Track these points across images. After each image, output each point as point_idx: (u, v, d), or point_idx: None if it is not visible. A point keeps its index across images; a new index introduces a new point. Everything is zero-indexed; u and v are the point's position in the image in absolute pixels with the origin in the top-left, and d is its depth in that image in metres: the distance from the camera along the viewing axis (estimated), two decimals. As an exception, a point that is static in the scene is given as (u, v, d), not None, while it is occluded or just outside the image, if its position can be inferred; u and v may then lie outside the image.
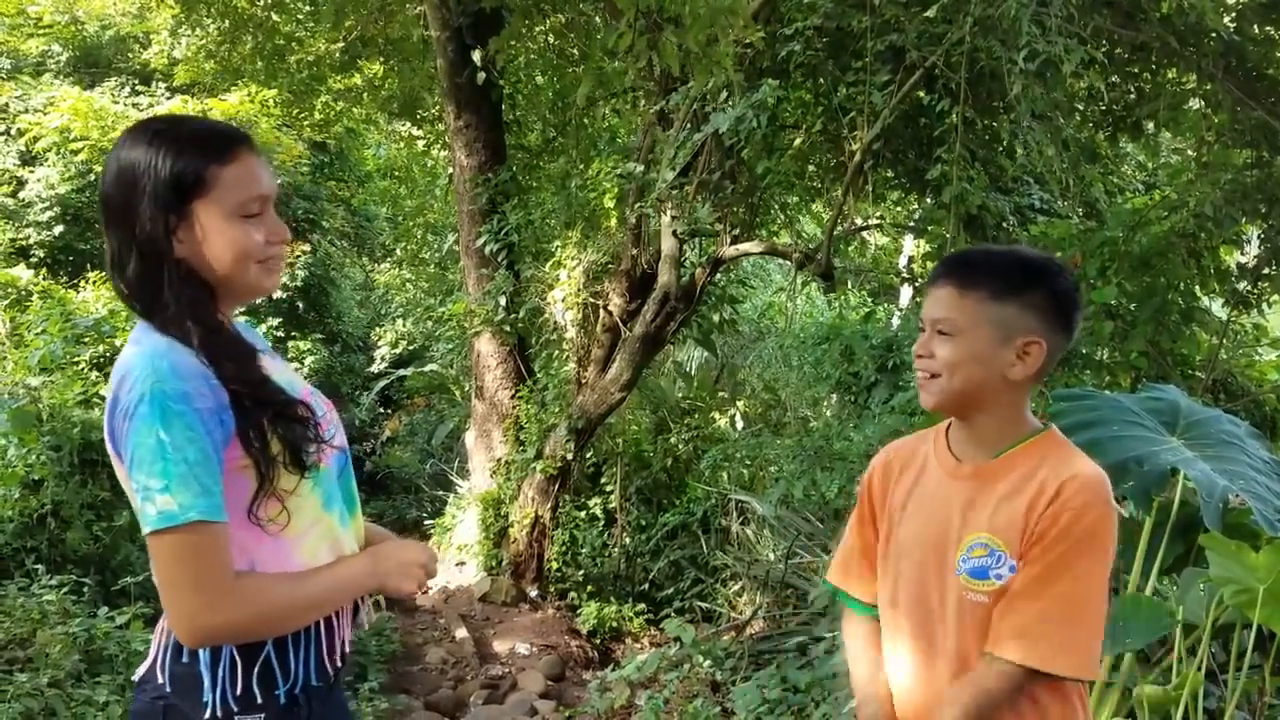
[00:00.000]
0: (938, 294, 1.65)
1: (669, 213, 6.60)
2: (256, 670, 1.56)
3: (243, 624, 1.49)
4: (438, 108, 9.33)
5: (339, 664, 1.69)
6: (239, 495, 1.52)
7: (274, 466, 1.54)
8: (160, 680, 1.57)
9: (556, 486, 7.34)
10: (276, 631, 1.55)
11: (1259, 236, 6.03)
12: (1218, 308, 6.33)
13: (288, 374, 1.70)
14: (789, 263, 7.09)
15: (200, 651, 1.54)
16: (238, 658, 1.55)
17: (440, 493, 9.59)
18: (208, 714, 1.54)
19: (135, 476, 1.44)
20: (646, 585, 7.33)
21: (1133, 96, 6.40)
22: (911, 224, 8.33)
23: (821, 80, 6.13)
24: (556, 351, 7.76)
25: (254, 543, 1.54)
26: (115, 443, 1.51)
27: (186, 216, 1.53)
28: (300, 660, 1.60)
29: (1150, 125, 6.63)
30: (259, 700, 1.56)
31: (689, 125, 6.21)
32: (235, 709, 1.55)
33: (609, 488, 7.67)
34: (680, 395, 8.83)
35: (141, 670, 1.63)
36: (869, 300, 9.86)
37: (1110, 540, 1.60)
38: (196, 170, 1.52)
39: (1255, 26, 5.67)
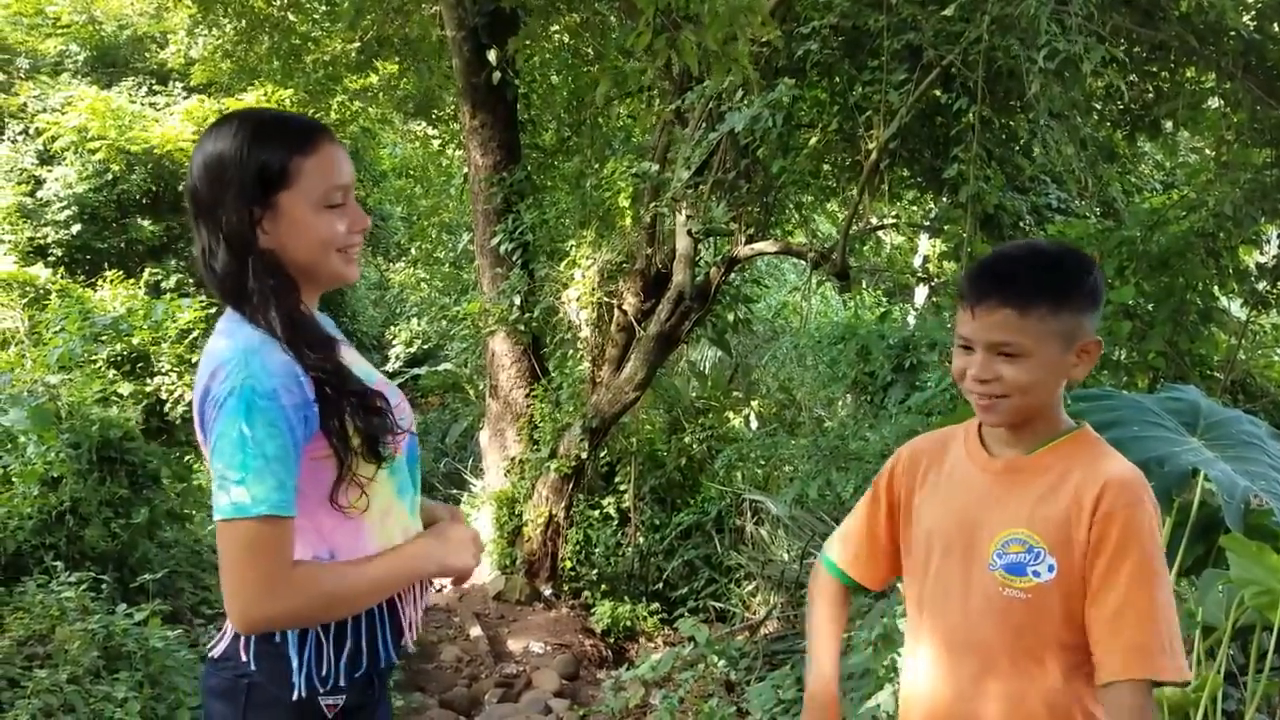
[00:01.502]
0: (992, 318, 1.58)
1: (684, 212, 6.59)
2: (345, 653, 1.61)
3: (297, 611, 1.52)
4: (453, 107, 9.35)
5: (409, 644, 1.75)
6: (321, 483, 1.56)
7: (353, 456, 1.57)
8: (245, 658, 1.60)
9: (570, 485, 7.35)
10: (337, 615, 1.58)
11: (1278, 236, 5.99)
12: (1236, 308, 6.29)
13: (364, 365, 1.74)
14: (804, 262, 7.07)
15: (289, 632, 1.58)
16: (324, 639, 1.60)
17: (454, 491, 9.60)
18: (294, 695, 1.58)
19: (214, 465, 1.48)
20: (660, 585, 7.33)
21: (1151, 95, 6.37)
22: (927, 223, 8.30)
23: (838, 79, 6.12)
24: (571, 350, 7.77)
25: (334, 527, 1.59)
26: (204, 429, 1.54)
27: (271, 208, 1.56)
28: (382, 642, 1.66)
29: (1169, 124, 6.59)
30: (342, 682, 1.61)
31: (704, 124, 6.21)
32: (320, 689, 1.59)
33: (623, 487, 7.67)
34: (694, 395, 8.82)
35: (220, 647, 1.65)
36: (884, 300, 9.85)
37: (1160, 533, 1.59)
38: (280, 162, 1.56)
39: (1275, 25, 5.64)
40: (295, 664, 1.58)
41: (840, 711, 1.86)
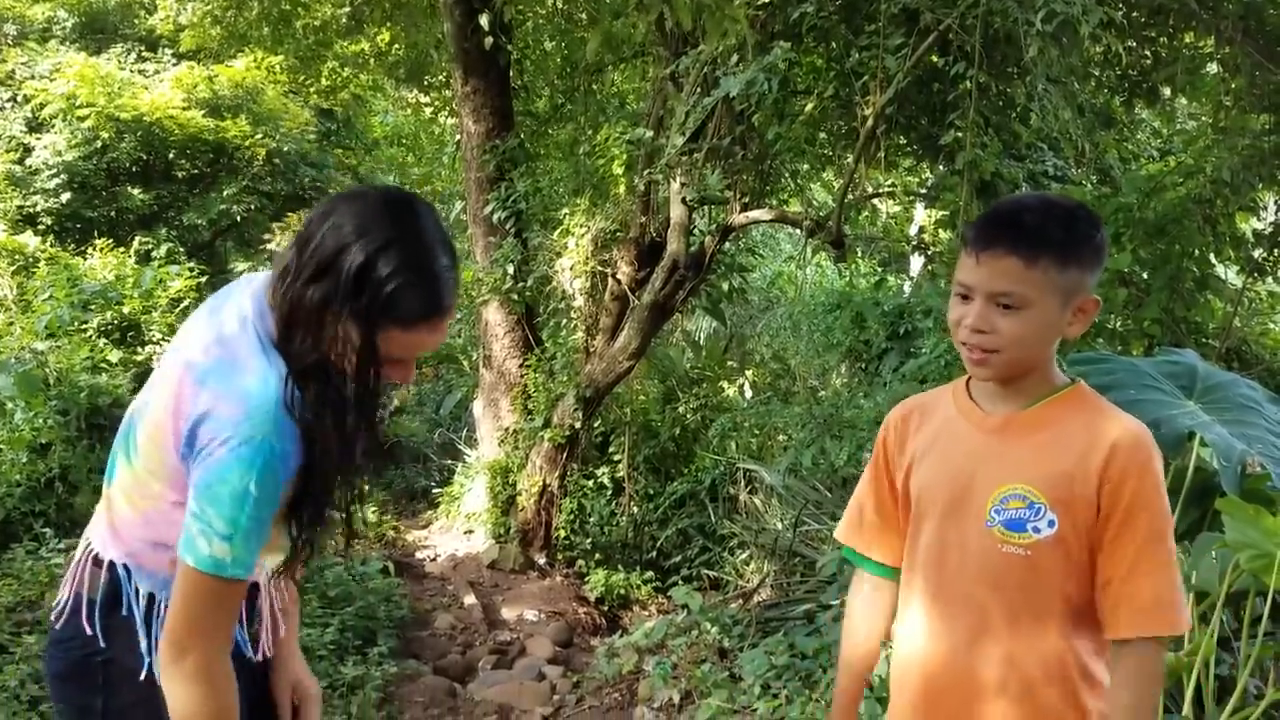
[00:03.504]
0: (997, 264, 1.54)
1: (678, 180, 6.54)
2: None
3: (209, 687, 1.49)
4: (445, 73, 9.26)
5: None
6: None
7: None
8: (91, 632, 1.57)
9: (564, 455, 7.33)
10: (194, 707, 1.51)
11: (1276, 203, 5.96)
12: (1233, 275, 6.27)
13: None
14: (799, 231, 7.03)
15: (136, 605, 1.57)
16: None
17: (449, 462, 9.59)
18: (145, 668, 1.55)
19: (201, 502, 1.44)
20: (654, 553, 7.33)
21: (1149, 60, 6.31)
22: (923, 191, 8.25)
23: (834, 44, 6.05)
24: (565, 320, 7.73)
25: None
26: (191, 442, 1.48)
27: (350, 320, 1.48)
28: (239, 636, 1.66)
29: (1167, 90, 6.54)
30: None
31: (699, 90, 6.14)
32: None
33: (617, 457, 7.65)
34: (689, 364, 8.80)
35: (59, 624, 1.61)
36: (879, 269, 9.81)
37: (1165, 488, 1.58)
38: (388, 309, 1.47)
39: (1276, -11, 5.57)
40: (143, 637, 1.56)
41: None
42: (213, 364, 1.51)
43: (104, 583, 1.57)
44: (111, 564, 1.59)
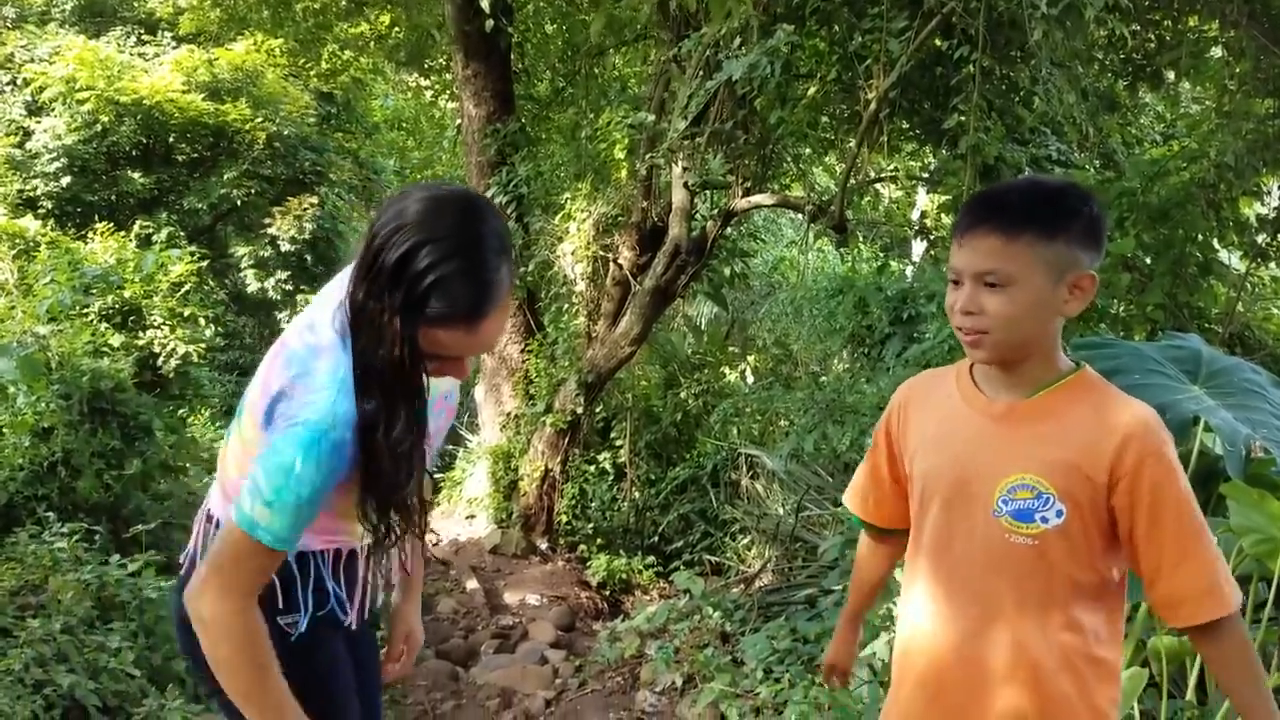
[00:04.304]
0: (979, 244, 1.53)
1: (680, 164, 6.51)
2: (297, 587, 1.73)
3: (221, 633, 1.53)
4: (445, 57, 9.22)
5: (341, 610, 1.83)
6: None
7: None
8: None
9: (566, 440, 7.34)
10: (223, 672, 1.56)
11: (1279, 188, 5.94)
12: (1236, 260, 6.26)
13: (435, 422, 1.74)
14: (801, 215, 7.01)
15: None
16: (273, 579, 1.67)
17: (450, 447, 9.59)
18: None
19: (258, 465, 1.51)
20: (656, 539, 7.35)
21: (1153, 45, 6.28)
22: (926, 176, 8.22)
23: (837, 27, 6.01)
24: (566, 305, 7.73)
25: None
26: (268, 418, 1.56)
27: (393, 314, 1.47)
28: (335, 599, 1.79)
29: (1170, 74, 6.50)
30: (299, 610, 1.74)
31: (701, 73, 6.12)
32: (278, 608, 1.71)
33: (619, 442, 7.66)
34: (690, 350, 8.79)
35: (183, 573, 1.73)
36: (881, 254, 9.79)
37: (1181, 468, 1.57)
38: (427, 302, 1.45)
39: (1282, -28, 5.54)
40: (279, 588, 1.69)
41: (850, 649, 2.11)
42: (301, 349, 1.59)
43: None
44: (219, 522, 1.72)
